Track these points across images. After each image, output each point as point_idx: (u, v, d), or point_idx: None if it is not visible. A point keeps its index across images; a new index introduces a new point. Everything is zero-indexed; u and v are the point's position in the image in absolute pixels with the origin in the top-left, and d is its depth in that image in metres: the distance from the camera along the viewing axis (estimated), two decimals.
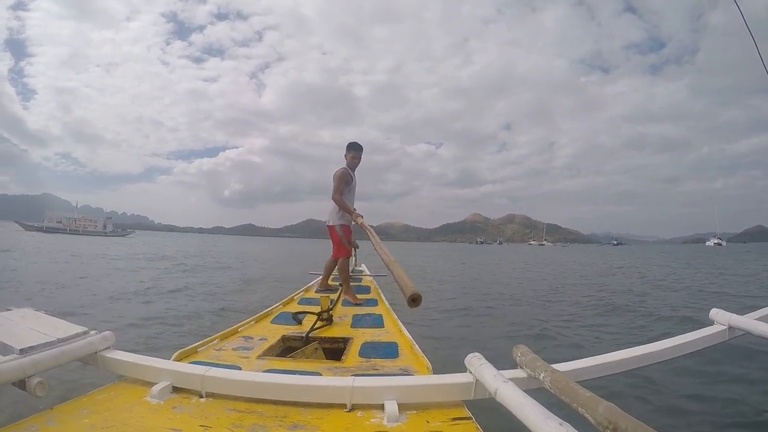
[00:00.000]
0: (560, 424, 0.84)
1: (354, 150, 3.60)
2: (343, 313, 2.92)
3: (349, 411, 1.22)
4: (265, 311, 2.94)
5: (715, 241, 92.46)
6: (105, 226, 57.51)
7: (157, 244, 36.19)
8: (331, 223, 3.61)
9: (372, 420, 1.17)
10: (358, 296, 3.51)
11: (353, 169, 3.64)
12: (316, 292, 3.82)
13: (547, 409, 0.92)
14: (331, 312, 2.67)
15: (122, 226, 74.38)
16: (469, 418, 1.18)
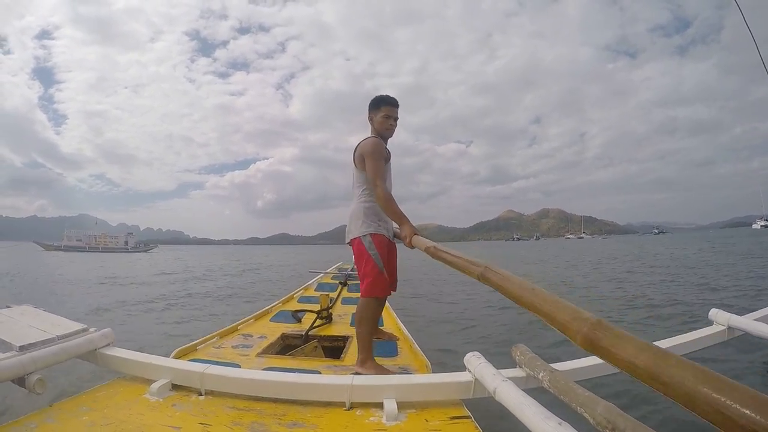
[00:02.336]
0: (559, 424, 0.84)
1: (386, 104, 1.96)
2: (343, 312, 2.93)
3: (348, 409, 1.23)
4: (264, 309, 2.94)
5: (762, 223, 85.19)
6: (126, 242, 55.63)
7: (180, 258, 29.40)
8: (354, 234, 1.91)
9: (371, 418, 1.17)
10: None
11: (387, 138, 2.02)
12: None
13: (546, 408, 0.92)
14: (330, 310, 2.67)
15: (145, 242, 69.64)
16: (467, 417, 1.19)
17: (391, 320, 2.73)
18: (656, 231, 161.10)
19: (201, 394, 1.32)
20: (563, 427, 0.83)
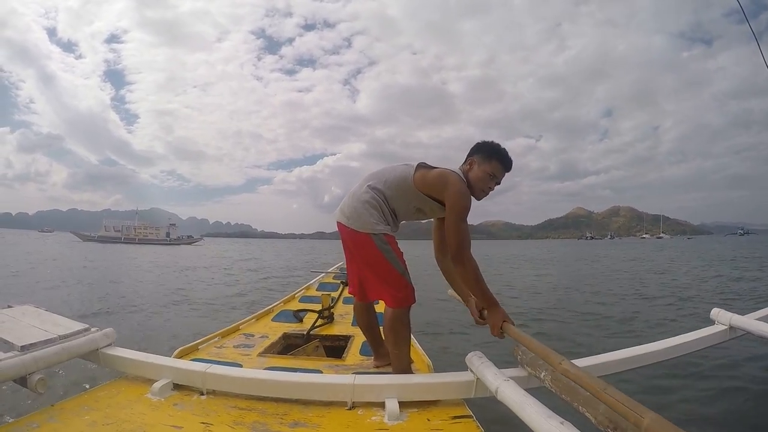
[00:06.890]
0: (561, 423, 0.84)
1: (500, 162, 1.60)
2: (344, 311, 2.92)
3: (350, 409, 1.23)
4: (266, 309, 2.94)
5: None
6: (168, 234, 53.04)
7: (221, 256, 23.89)
8: (363, 229, 1.56)
9: (373, 418, 1.17)
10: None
11: (474, 195, 1.61)
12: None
13: (548, 407, 0.92)
14: (332, 310, 2.67)
15: (190, 234, 65.66)
16: (469, 417, 1.19)
17: None
18: (741, 232, 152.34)
19: (202, 394, 1.32)
20: (565, 426, 0.83)
